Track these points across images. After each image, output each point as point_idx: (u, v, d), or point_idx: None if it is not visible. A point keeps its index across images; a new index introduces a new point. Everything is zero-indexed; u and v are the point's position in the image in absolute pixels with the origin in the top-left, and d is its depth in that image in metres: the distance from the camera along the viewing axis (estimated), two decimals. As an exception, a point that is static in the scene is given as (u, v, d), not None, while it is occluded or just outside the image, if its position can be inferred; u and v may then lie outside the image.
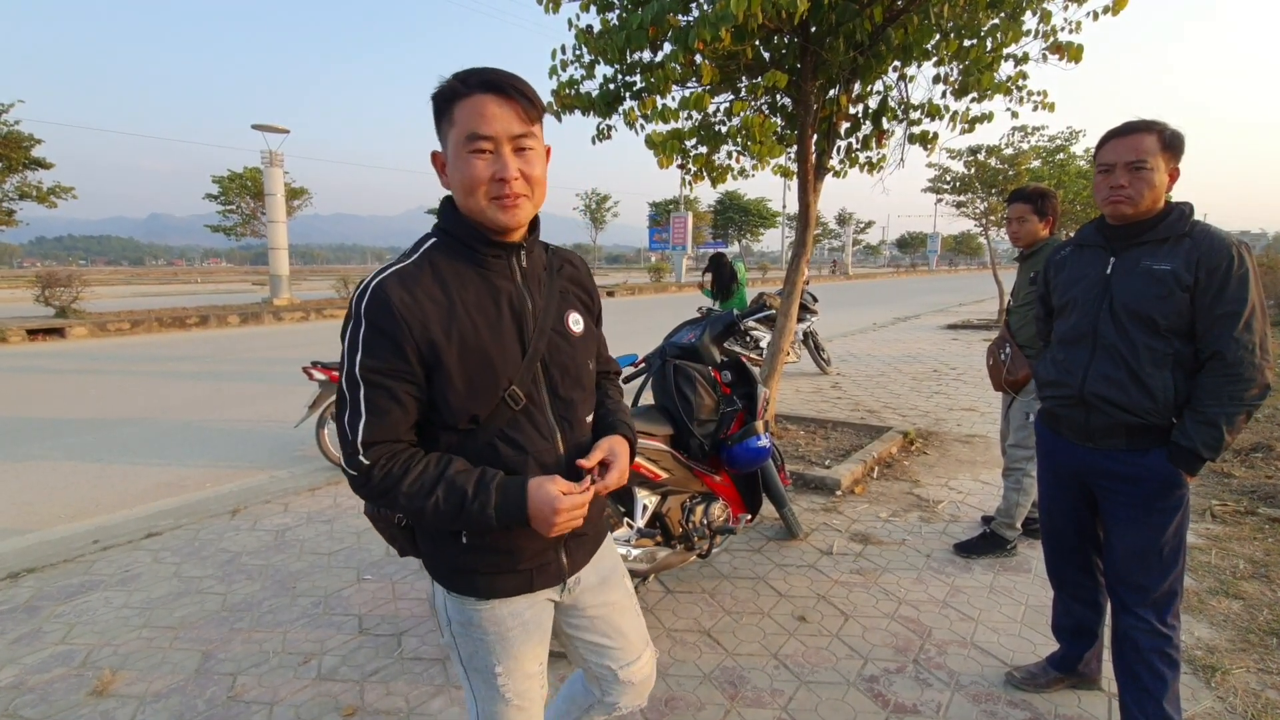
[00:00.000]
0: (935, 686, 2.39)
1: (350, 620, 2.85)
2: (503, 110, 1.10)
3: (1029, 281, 3.31)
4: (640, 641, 1.47)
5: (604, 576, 1.41)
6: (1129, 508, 1.98)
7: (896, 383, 8.23)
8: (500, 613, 1.26)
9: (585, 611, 1.39)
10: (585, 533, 1.33)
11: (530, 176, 1.15)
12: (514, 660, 1.29)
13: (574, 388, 1.27)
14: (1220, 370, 1.82)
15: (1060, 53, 4.23)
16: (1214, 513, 3.88)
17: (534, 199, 1.18)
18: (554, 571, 1.30)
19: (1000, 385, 3.38)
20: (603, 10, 4.29)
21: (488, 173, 1.12)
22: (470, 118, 1.10)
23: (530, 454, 1.21)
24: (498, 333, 1.17)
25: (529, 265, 1.24)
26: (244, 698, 2.34)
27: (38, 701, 2.35)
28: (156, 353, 11.23)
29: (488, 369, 1.16)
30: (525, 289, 1.22)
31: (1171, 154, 1.89)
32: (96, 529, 4.01)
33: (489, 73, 1.12)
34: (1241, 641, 2.62)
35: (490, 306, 1.18)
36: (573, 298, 1.31)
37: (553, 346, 1.23)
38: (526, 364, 1.19)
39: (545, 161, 1.19)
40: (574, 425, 1.28)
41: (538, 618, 1.31)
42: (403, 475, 1.12)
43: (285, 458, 5.44)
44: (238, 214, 26.02)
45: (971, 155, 12.84)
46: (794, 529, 3.60)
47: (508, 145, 1.11)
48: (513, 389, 1.18)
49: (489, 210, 1.14)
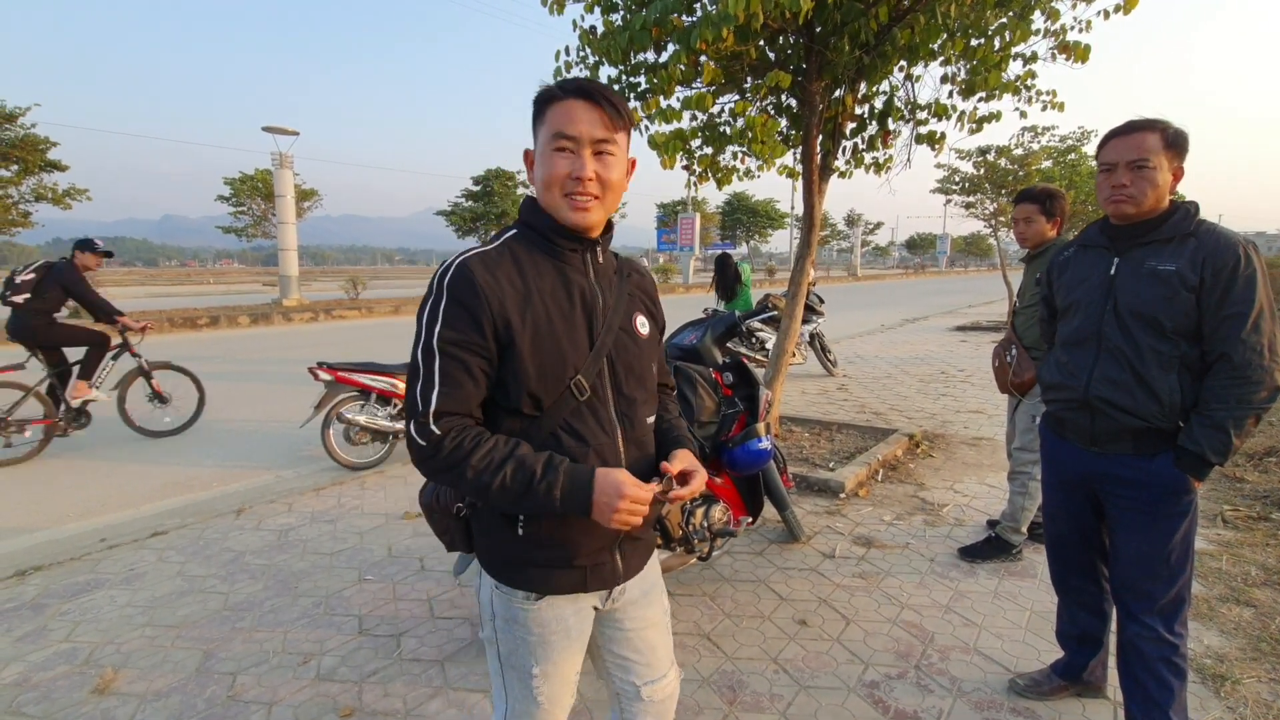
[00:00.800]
0: (937, 693, 2.36)
1: (350, 621, 2.85)
2: (589, 114, 1.18)
3: (1035, 283, 3.28)
4: (667, 660, 1.45)
5: (646, 591, 1.41)
6: (1135, 513, 1.94)
7: (903, 384, 8.18)
8: (545, 615, 1.27)
9: (622, 624, 1.38)
10: (641, 538, 1.34)
11: (605, 180, 1.20)
12: (552, 664, 1.30)
13: (637, 387, 1.29)
14: (1227, 373, 1.78)
15: (1068, 52, 4.19)
16: (1225, 518, 3.83)
17: (605, 202, 1.22)
18: (608, 573, 1.30)
19: (1006, 387, 3.34)
20: (606, 11, 4.29)
21: (566, 170, 1.18)
22: (559, 119, 1.18)
23: (591, 446, 1.22)
24: (569, 323, 1.22)
25: (602, 264, 1.30)
26: (243, 697, 2.35)
27: (40, 699, 2.36)
28: (167, 353, 11.28)
29: (557, 355, 1.19)
30: (597, 285, 1.27)
31: (1175, 153, 1.86)
32: (104, 527, 4.04)
33: (583, 81, 1.21)
34: (1253, 650, 2.57)
35: (564, 297, 1.22)
36: (639, 302, 1.35)
37: (619, 344, 1.27)
38: (594, 356, 1.23)
39: (625, 170, 1.24)
40: (635, 424, 1.29)
41: (581, 625, 1.32)
42: (473, 449, 1.14)
43: (291, 458, 5.46)
44: (249, 215, 26.26)
45: (981, 156, 12.74)
46: (796, 532, 3.57)
47: (588, 147, 1.18)
48: (578, 379, 1.21)
49: (562, 207, 1.21)
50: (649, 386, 1.33)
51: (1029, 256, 3.43)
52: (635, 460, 1.27)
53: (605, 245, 1.31)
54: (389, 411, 5.33)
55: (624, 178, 1.24)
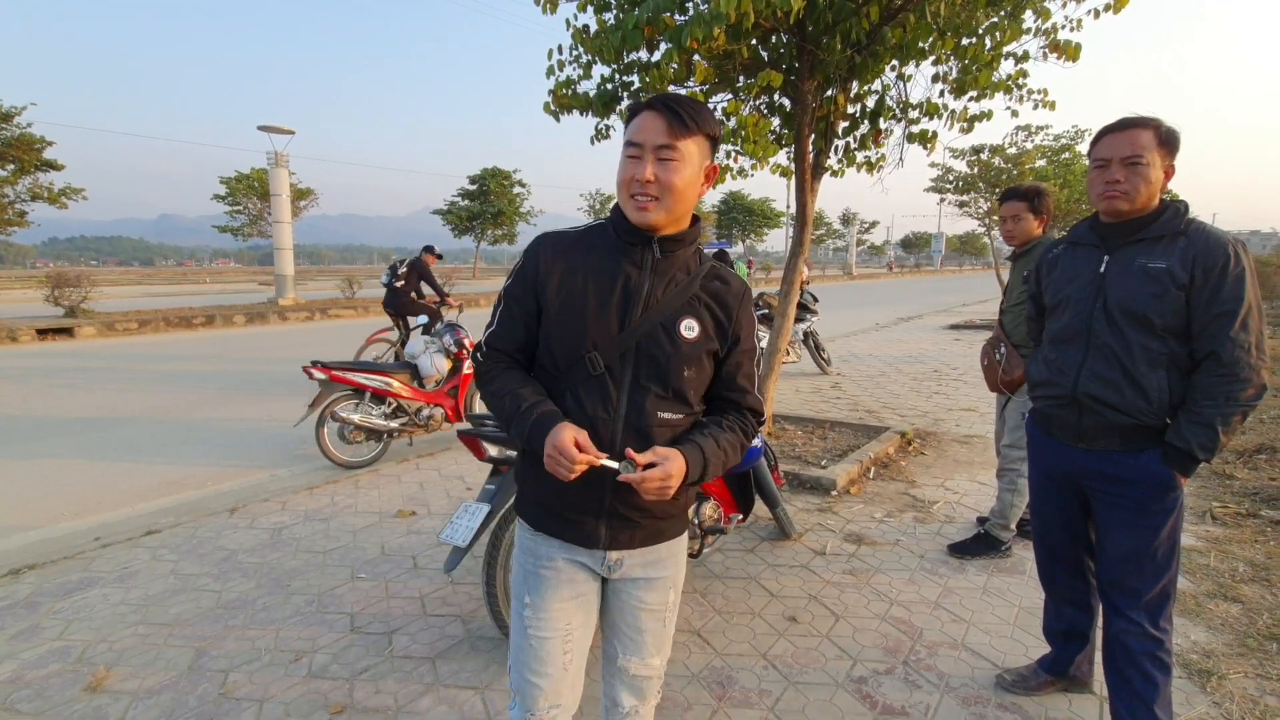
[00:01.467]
0: (924, 688, 2.38)
1: (342, 619, 2.86)
2: (655, 123, 1.28)
3: (1022, 281, 3.29)
4: (654, 648, 1.49)
5: (650, 577, 1.45)
6: (1122, 510, 1.96)
7: (896, 383, 8.20)
8: (539, 549, 1.43)
9: (620, 597, 1.47)
10: (633, 520, 1.38)
11: (665, 182, 1.28)
12: (540, 600, 1.42)
13: (655, 381, 1.35)
14: (1216, 370, 1.79)
15: (1059, 51, 4.21)
16: (1214, 514, 3.85)
17: (665, 203, 1.30)
18: (588, 535, 1.39)
19: (996, 386, 3.36)
20: (599, 10, 4.29)
21: (630, 173, 1.30)
22: (632, 128, 1.32)
23: (588, 417, 1.33)
24: (603, 304, 1.34)
25: (665, 263, 1.37)
26: (234, 695, 2.36)
27: (34, 697, 2.37)
28: (162, 352, 11.30)
29: (578, 328, 1.34)
30: (650, 279, 1.35)
31: (1167, 150, 1.87)
32: (98, 526, 4.05)
33: (661, 95, 1.33)
34: (1240, 646, 2.60)
35: (606, 281, 1.35)
36: (701, 308, 1.38)
37: (653, 338, 1.34)
38: (620, 339, 1.33)
39: (693, 175, 1.31)
40: (641, 414, 1.34)
41: (571, 573, 1.42)
42: (496, 376, 1.41)
43: (286, 456, 5.47)
44: (245, 215, 26.22)
45: (975, 155, 12.78)
46: (787, 529, 3.59)
47: (651, 153, 1.28)
48: (594, 354, 1.33)
49: (628, 207, 1.33)
50: (673, 386, 1.35)
51: (1015, 255, 3.45)
52: (634, 447, 1.30)
53: (677, 247, 1.37)
54: (383, 410, 5.34)
55: (690, 183, 1.31)
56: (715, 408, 1.45)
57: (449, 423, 5.69)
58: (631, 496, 1.33)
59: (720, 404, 1.45)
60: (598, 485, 1.34)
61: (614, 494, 1.35)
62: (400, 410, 5.43)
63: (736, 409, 1.45)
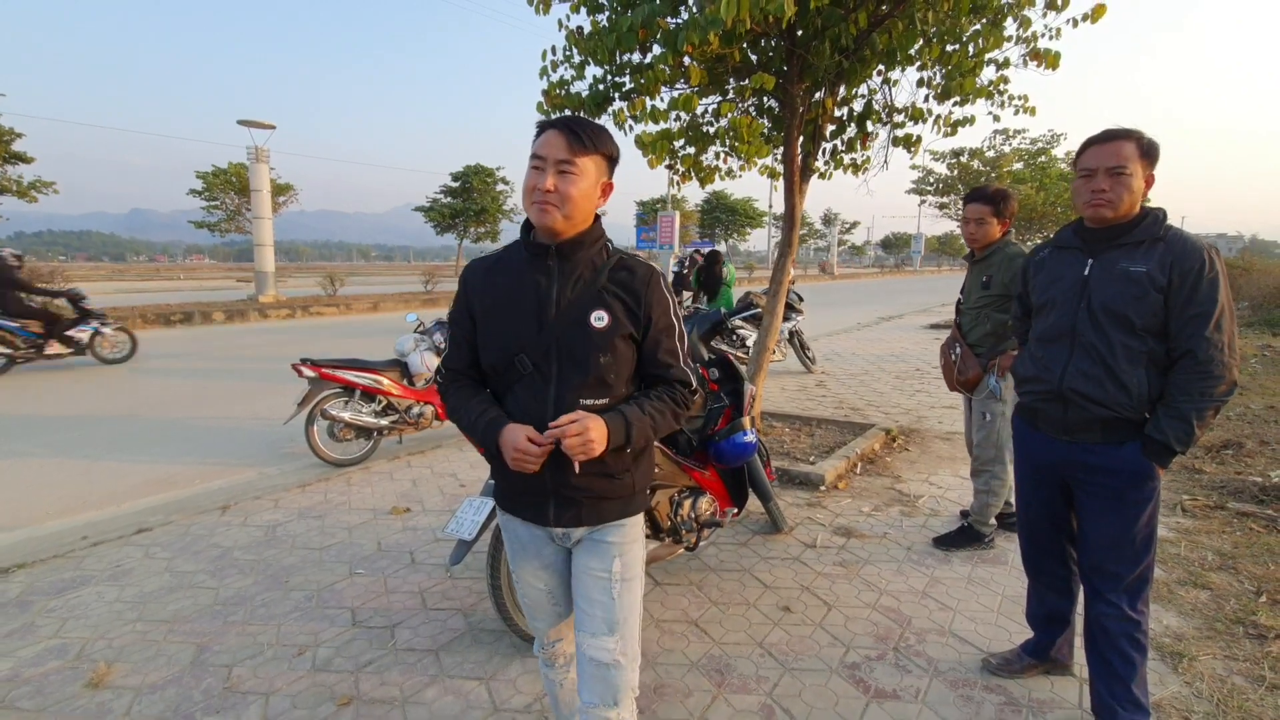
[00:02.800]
0: (914, 673, 2.47)
1: (343, 613, 2.89)
2: (557, 140, 1.45)
3: (981, 285, 3.37)
4: (603, 623, 1.58)
5: (594, 547, 1.60)
6: (1104, 498, 2.07)
7: (880, 381, 8.35)
8: (510, 525, 1.68)
9: (575, 566, 1.65)
10: (576, 499, 1.54)
11: (564, 192, 1.44)
12: (519, 568, 1.69)
13: (577, 371, 1.49)
14: (1191, 368, 1.91)
15: (1039, 59, 4.34)
16: (1184, 507, 4.01)
17: (564, 211, 1.45)
18: (540, 514, 1.58)
19: (953, 385, 3.48)
20: (593, 12, 4.34)
21: (532, 182, 1.47)
22: (537, 144, 1.48)
23: (525, 411, 1.50)
24: (519, 311, 1.51)
25: (568, 265, 1.51)
26: (240, 688, 2.38)
27: (34, 694, 2.37)
28: (140, 350, 11.10)
29: (503, 335, 1.52)
30: (557, 282, 1.51)
31: (1148, 161, 1.99)
32: (86, 525, 4.01)
33: (563, 116, 1.51)
34: (1209, 630, 2.73)
35: (516, 290, 1.53)
36: (609, 298, 1.51)
37: (568, 333, 1.48)
38: (540, 339, 1.49)
39: (590, 189, 1.48)
40: (569, 404, 1.48)
41: (538, 550, 1.65)
42: (451, 394, 1.61)
43: (274, 455, 5.44)
44: (222, 210, 25.78)
45: (955, 157, 13.01)
46: (779, 523, 3.67)
47: (553, 166, 1.44)
48: (521, 356, 1.50)
49: (531, 212, 1.48)
50: (594, 373, 1.49)
51: (973, 257, 3.47)
52: None
53: (577, 249, 1.52)
54: (373, 408, 5.33)
55: (586, 195, 1.47)
56: (646, 384, 1.60)
57: (439, 420, 5.70)
58: (571, 476, 1.50)
59: (650, 381, 1.60)
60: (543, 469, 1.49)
61: (555, 477, 1.51)
62: (390, 408, 5.43)
63: (664, 383, 1.59)
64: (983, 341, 3.37)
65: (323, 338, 12.59)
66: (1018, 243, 3.45)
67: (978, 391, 3.39)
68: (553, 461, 1.48)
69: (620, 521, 1.61)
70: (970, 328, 3.43)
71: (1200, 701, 2.30)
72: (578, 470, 1.47)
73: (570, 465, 1.48)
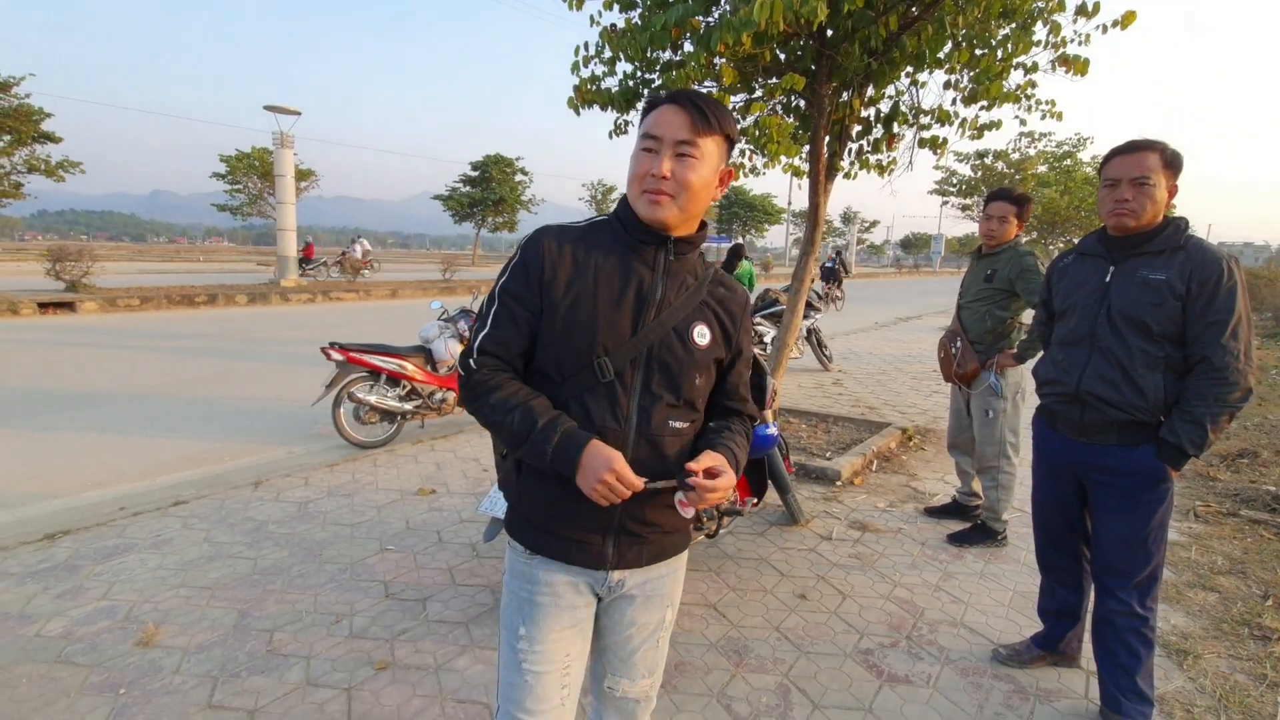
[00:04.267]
0: (926, 660, 2.56)
1: (376, 586, 3.02)
2: (676, 118, 1.22)
3: (984, 278, 3.48)
4: (645, 669, 1.43)
5: (649, 595, 1.39)
6: (1118, 498, 2.14)
7: (897, 381, 8.40)
8: (538, 573, 1.32)
9: (613, 618, 1.40)
10: (643, 535, 1.32)
11: (682, 179, 1.22)
12: (537, 629, 1.31)
13: (667, 389, 1.28)
14: (1207, 374, 1.98)
15: (1068, 65, 4.36)
16: (1197, 513, 4.06)
17: (680, 201, 1.24)
18: (594, 555, 1.30)
19: (950, 377, 3.58)
20: (625, 9, 4.42)
21: (646, 167, 1.24)
22: (650, 121, 1.26)
23: (596, 428, 1.24)
24: (615, 306, 1.25)
25: (676, 265, 1.31)
26: (282, 651, 2.51)
27: (88, 650, 2.51)
28: (167, 329, 11.36)
29: (587, 330, 1.24)
30: (662, 281, 1.29)
31: (1171, 171, 2.05)
32: (123, 496, 4.17)
33: (682, 90, 1.29)
34: (1215, 630, 2.79)
35: (618, 281, 1.27)
36: (710, 314, 1.34)
37: (666, 343, 1.27)
38: (632, 344, 1.25)
39: (709, 176, 1.26)
40: (653, 424, 1.27)
41: (573, 600, 1.33)
42: (497, 387, 1.26)
43: (301, 435, 5.60)
44: (244, 194, 26.12)
45: (979, 159, 12.95)
46: (796, 515, 3.76)
47: (670, 148, 1.22)
48: (604, 359, 1.24)
49: (639, 202, 1.26)
50: (684, 394, 1.30)
51: (981, 253, 3.60)
52: (645, 457, 1.27)
53: (684, 248, 1.32)
54: (398, 393, 5.47)
55: (706, 183, 1.25)
56: (718, 414, 1.40)
57: (461, 407, 5.83)
58: (643, 511, 1.28)
59: (722, 412, 1.41)
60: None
61: (624, 508, 1.26)
62: (414, 393, 5.56)
63: (739, 417, 1.41)
64: (983, 338, 3.48)
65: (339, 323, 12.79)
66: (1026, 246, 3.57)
67: (975, 385, 3.50)
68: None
69: (675, 558, 1.42)
70: (971, 322, 3.54)
71: (1203, 696, 2.37)
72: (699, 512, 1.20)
73: (650, 498, 1.26)
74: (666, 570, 1.40)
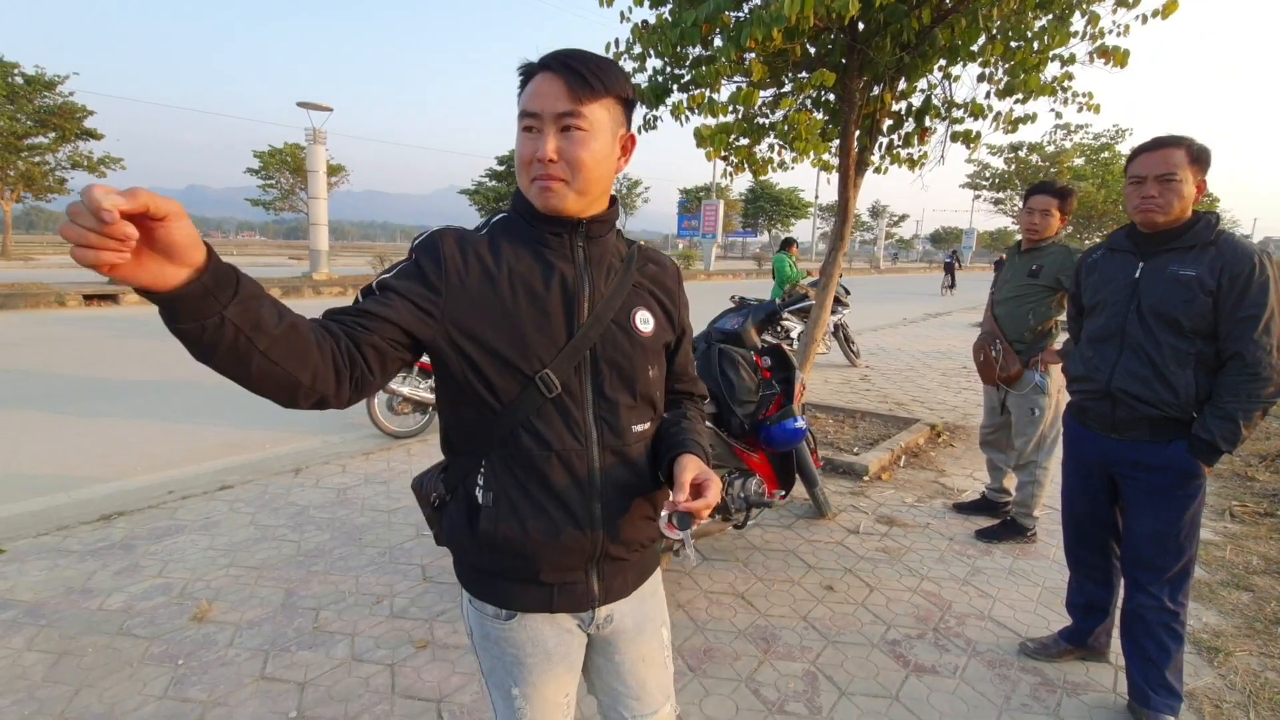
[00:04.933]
0: (953, 652, 2.59)
1: (414, 569, 3.13)
2: (551, 87, 1.03)
3: (1028, 274, 3.40)
4: (661, 696, 1.33)
5: (640, 624, 1.27)
6: (1150, 494, 2.14)
7: (925, 377, 8.33)
8: (519, 635, 1.17)
9: (612, 655, 1.28)
10: (626, 559, 1.19)
11: (573, 159, 1.04)
12: (532, 687, 1.20)
13: (622, 389, 1.14)
14: (1240, 369, 1.97)
15: (1107, 57, 4.30)
16: (1233, 513, 4.00)
17: (576, 184, 1.06)
18: (580, 595, 1.17)
19: (993, 380, 3.54)
20: (656, 5, 4.46)
21: (530, 151, 1.05)
22: (525, 96, 1.06)
23: (555, 451, 1.09)
24: (542, 310, 1.09)
25: (596, 250, 1.15)
26: (328, 629, 2.63)
27: (146, 624, 2.65)
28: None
29: (516, 345, 1.07)
30: (586, 273, 1.12)
31: (1199, 167, 2.04)
32: (171, 480, 4.36)
33: (553, 52, 1.07)
34: (1247, 629, 2.77)
35: (538, 282, 1.09)
36: (648, 295, 1.20)
37: (608, 339, 1.12)
38: (570, 350, 1.09)
39: (605, 148, 1.07)
40: (618, 431, 1.14)
41: (563, 649, 1.20)
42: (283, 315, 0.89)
43: (336, 424, 5.76)
44: (277, 189, 26.71)
45: (1012, 152, 12.73)
46: (823, 508, 3.80)
47: (552, 124, 1.04)
48: (546, 373, 1.07)
49: (531, 191, 1.09)
50: (640, 391, 1.16)
51: (1022, 248, 3.52)
52: (614, 470, 1.14)
53: (599, 229, 1.15)
54: (429, 384, 5.60)
55: (603, 158, 1.07)
56: (669, 401, 1.28)
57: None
58: (620, 530, 1.15)
59: (675, 397, 1.30)
60: (584, 526, 1.11)
61: (607, 531, 1.13)
62: (446, 384, 5.69)
63: (690, 400, 1.31)
64: (1023, 337, 3.42)
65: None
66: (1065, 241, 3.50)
67: (1019, 386, 3.46)
68: (604, 507, 1.12)
69: (655, 574, 1.30)
70: (1009, 322, 3.46)
71: (1233, 693, 2.37)
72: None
73: (627, 515, 1.15)
74: (649, 590, 1.29)
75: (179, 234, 0.72)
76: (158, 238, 0.72)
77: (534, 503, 1.10)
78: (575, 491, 1.11)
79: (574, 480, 1.11)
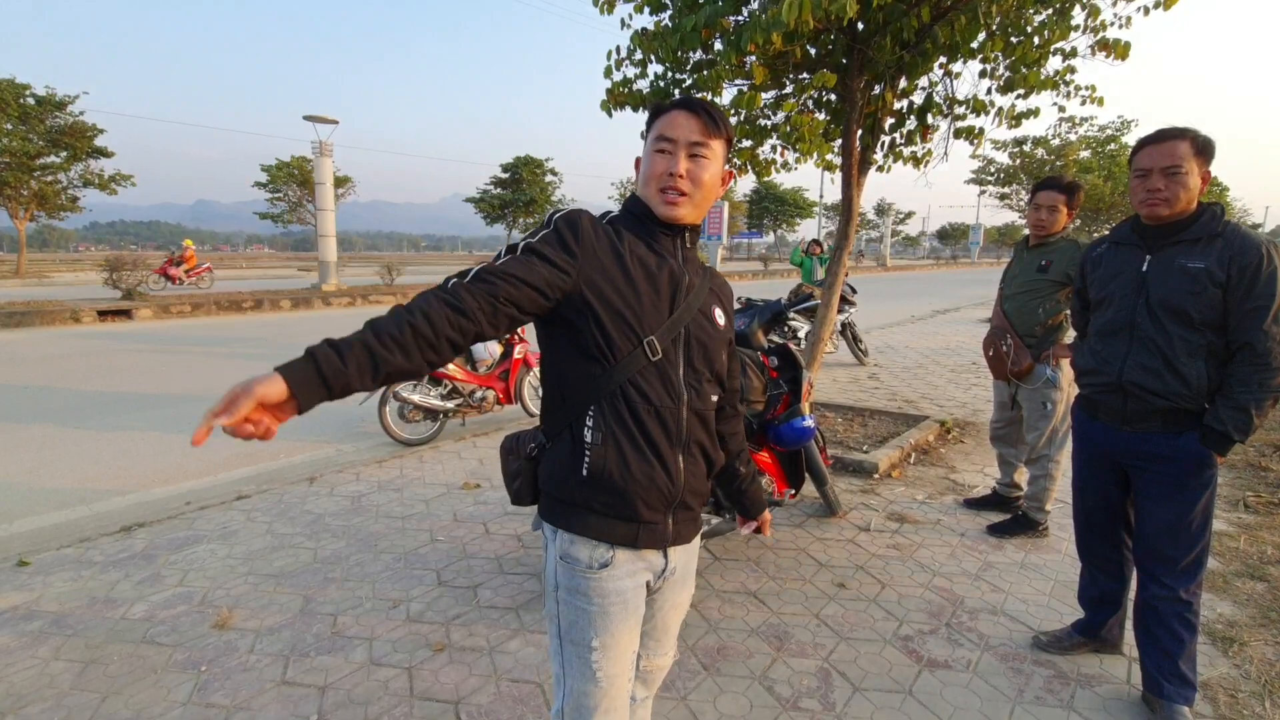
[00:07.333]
0: (966, 646, 2.60)
1: (429, 574, 3.16)
2: (688, 121, 1.32)
3: (1038, 269, 3.41)
4: (673, 641, 1.55)
5: (685, 576, 1.48)
6: (1162, 486, 2.15)
7: (934, 374, 8.31)
8: (607, 586, 1.32)
9: (655, 602, 1.45)
10: (693, 509, 1.41)
11: (697, 178, 1.32)
12: (611, 637, 1.33)
13: (705, 364, 1.38)
14: (1250, 360, 1.98)
15: (1108, 50, 4.30)
16: (1247, 503, 3.98)
17: (694, 200, 1.34)
18: (660, 534, 1.35)
19: (1004, 375, 3.54)
20: (656, 11, 4.50)
21: (663, 167, 1.32)
22: (663, 125, 1.34)
23: (655, 406, 1.30)
24: (653, 288, 1.32)
25: (690, 254, 1.41)
26: (346, 633, 2.67)
27: (169, 632, 2.70)
28: (217, 334, 11.82)
29: (635, 312, 1.29)
30: (685, 268, 1.38)
31: (1203, 159, 2.05)
32: (188, 491, 4.42)
33: (687, 96, 1.42)
34: (1262, 619, 2.77)
35: (654, 265, 1.33)
36: (717, 298, 1.46)
37: (697, 322, 1.37)
38: (672, 323, 1.32)
39: (718, 175, 1.36)
40: (700, 397, 1.37)
41: (637, 600, 1.37)
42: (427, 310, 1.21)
43: (348, 433, 5.82)
44: (285, 201, 26.94)
45: (1017, 146, 12.69)
46: (833, 506, 3.81)
47: (684, 149, 1.32)
48: (652, 339, 1.30)
49: (656, 201, 1.34)
50: (718, 370, 1.41)
51: (1029, 243, 3.53)
52: (695, 430, 1.36)
53: (696, 239, 1.43)
54: (440, 391, 5.65)
55: (716, 182, 1.36)
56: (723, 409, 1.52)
57: (499, 405, 6.00)
58: (694, 484, 1.37)
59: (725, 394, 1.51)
60: (671, 474, 1.33)
61: (686, 481, 1.36)
62: (455, 392, 5.74)
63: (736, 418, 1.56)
64: (1033, 332, 3.43)
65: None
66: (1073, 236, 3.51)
67: (1031, 381, 3.46)
68: (686, 460, 1.35)
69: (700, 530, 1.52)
70: (1019, 317, 3.47)
71: (1248, 683, 2.37)
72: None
73: (697, 471, 1.38)
74: (697, 544, 1.50)
75: (268, 402, 1.09)
76: (264, 409, 1.10)
77: (636, 446, 1.30)
78: (666, 443, 1.32)
79: (666, 433, 1.32)
